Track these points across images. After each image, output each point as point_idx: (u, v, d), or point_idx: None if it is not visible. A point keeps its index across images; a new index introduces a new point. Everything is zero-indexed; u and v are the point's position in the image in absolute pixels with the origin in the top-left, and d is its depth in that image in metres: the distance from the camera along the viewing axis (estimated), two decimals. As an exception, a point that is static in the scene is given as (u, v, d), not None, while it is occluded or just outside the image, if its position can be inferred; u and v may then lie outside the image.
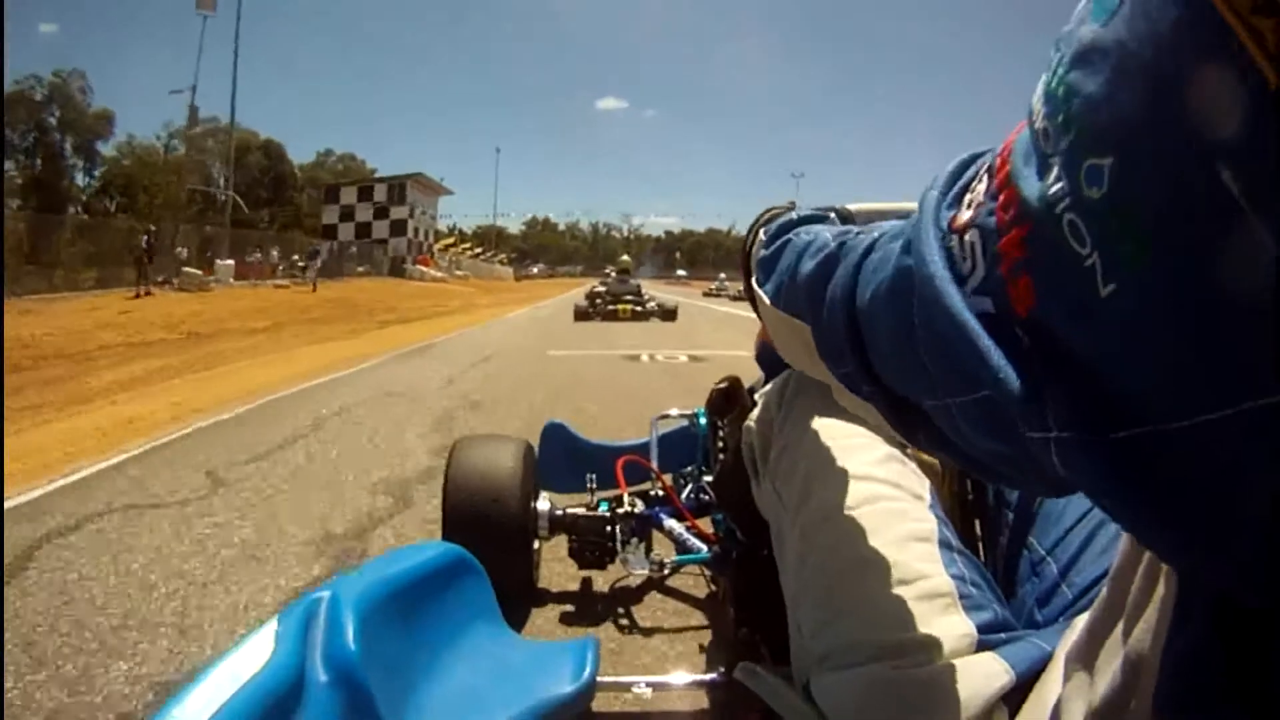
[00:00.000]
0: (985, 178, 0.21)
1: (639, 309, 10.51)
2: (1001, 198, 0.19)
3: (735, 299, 18.53)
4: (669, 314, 10.35)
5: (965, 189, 0.23)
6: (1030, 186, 0.18)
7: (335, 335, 6.95)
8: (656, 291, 13.22)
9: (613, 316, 10.10)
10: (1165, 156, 0.14)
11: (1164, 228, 0.14)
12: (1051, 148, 0.17)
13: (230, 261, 15.36)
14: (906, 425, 0.28)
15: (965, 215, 0.22)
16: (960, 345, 0.20)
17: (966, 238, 0.21)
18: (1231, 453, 0.14)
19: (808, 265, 0.35)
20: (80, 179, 28.65)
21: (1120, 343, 0.16)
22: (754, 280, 0.45)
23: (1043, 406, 0.18)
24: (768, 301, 0.41)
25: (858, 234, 0.32)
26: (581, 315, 9.89)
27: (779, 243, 0.41)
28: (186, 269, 12.74)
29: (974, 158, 0.25)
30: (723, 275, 36.17)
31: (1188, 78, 0.13)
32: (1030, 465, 0.20)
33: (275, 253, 19.14)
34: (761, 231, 0.46)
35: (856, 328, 0.29)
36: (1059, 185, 0.16)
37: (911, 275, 0.23)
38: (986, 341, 0.19)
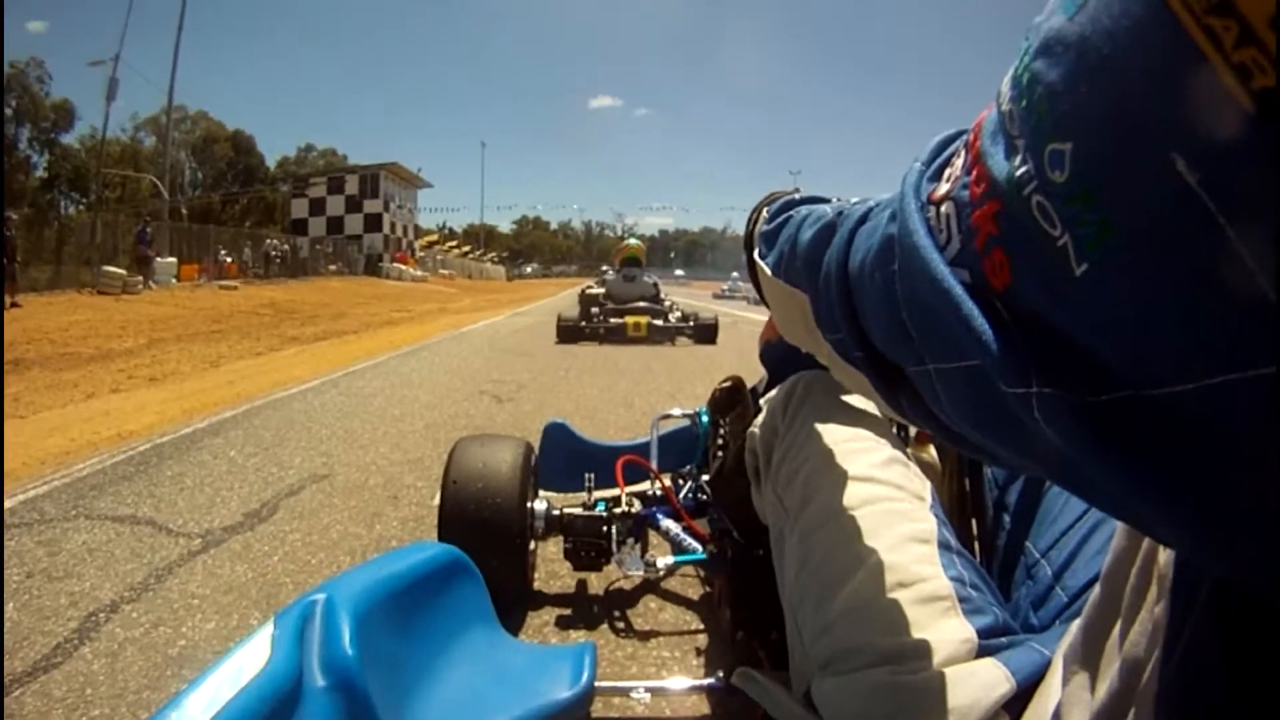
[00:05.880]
0: (963, 152, 0.22)
1: (659, 322, 6.64)
2: (974, 173, 0.20)
3: (757, 303, 16.14)
4: (705, 330, 6.61)
5: (945, 164, 0.24)
6: (999, 166, 0.18)
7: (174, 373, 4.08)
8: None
9: (617, 335, 6.47)
10: (1123, 146, 0.14)
11: (1125, 213, 0.14)
12: (1016, 130, 0.17)
13: (172, 259, 13.35)
14: (891, 392, 0.29)
15: (943, 188, 0.22)
16: (944, 312, 0.20)
17: (943, 209, 0.22)
18: (1219, 423, 0.14)
19: (807, 234, 0.36)
20: (42, 173, 27.71)
21: (1097, 319, 0.16)
22: (756, 253, 0.45)
23: (1025, 366, 0.18)
24: (769, 273, 0.42)
25: (854, 204, 0.33)
26: (569, 333, 6.45)
27: (781, 218, 0.42)
28: (107, 268, 10.32)
29: (958, 134, 0.25)
30: (735, 275, 28.46)
31: (1145, 75, 0.13)
32: (1001, 437, 0.21)
33: (246, 251, 17.76)
34: (765, 210, 0.47)
35: (850, 294, 0.29)
36: (1025, 168, 0.17)
37: (895, 243, 0.24)
38: (970, 307, 0.20)
